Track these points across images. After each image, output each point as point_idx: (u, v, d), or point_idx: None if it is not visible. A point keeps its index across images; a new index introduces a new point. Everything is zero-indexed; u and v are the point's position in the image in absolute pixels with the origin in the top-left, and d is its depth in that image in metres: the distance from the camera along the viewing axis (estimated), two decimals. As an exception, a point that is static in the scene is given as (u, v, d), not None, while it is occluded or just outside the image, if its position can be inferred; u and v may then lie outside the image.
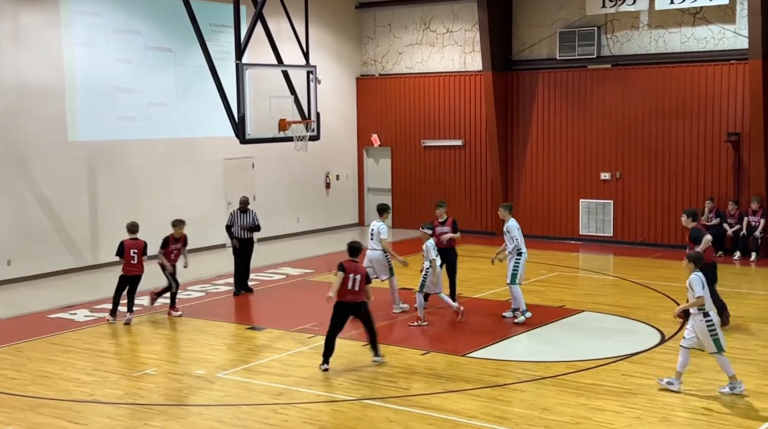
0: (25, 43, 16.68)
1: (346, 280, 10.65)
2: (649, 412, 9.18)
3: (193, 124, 19.71)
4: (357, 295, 10.73)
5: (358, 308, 10.82)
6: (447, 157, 22.78)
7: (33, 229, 16.92)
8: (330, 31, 22.87)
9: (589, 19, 20.35)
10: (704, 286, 9.68)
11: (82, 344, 12.28)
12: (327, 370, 10.75)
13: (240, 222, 15.44)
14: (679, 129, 19.62)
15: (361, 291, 10.76)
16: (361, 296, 10.78)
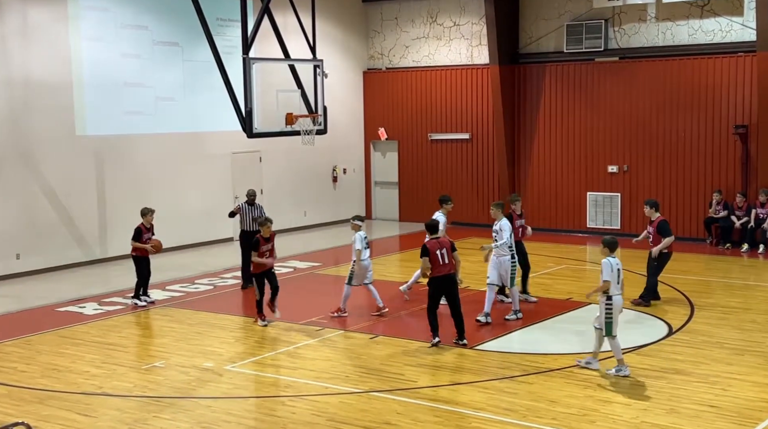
0: (34, 38, 16.74)
1: (435, 257, 11.20)
2: (657, 404, 9.19)
3: (200, 119, 19.75)
4: (449, 267, 11.31)
5: (452, 279, 11.34)
6: (454, 150, 22.77)
7: (41, 223, 17.00)
8: (337, 24, 22.87)
9: (596, 12, 20.30)
10: (612, 270, 10.03)
11: (91, 337, 12.34)
12: (439, 342, 11.31)
13: (248, 214, 15.48)
14: (687, 121, 19.57)
15: (452, 261, 11.34)
16: (452, 267, 11.34)
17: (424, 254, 11.24)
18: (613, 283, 10.03)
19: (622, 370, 10.05)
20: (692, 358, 10.79)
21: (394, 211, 23.95)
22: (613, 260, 10.12)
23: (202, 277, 16.50)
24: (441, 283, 11.29)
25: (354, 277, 13.12)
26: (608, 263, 10.07)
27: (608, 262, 10.09)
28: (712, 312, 13.15)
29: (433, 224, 11.72)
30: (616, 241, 10.38)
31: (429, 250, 11.23)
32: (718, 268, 16.82)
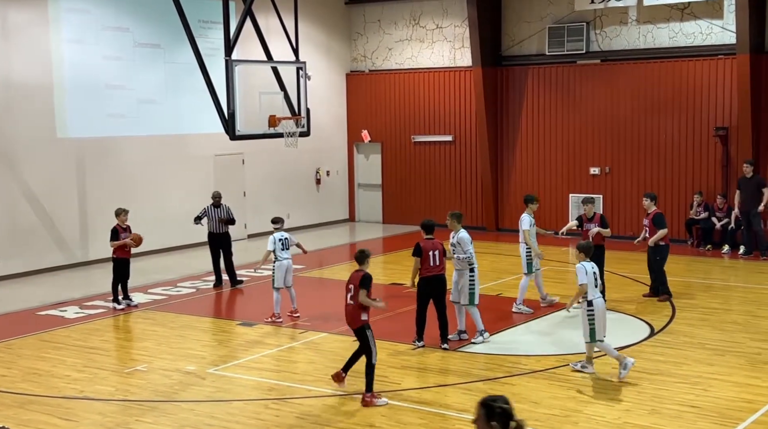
0: (14, 41, 16.61)
1: (427, 257, 11.10)
2: (639, 405, 9.24)
3: (182, 121, 19.67)
4: (439, 269, 11.19)
5: (439, 281, 11.18)
6: (437, 152, 22.81)
7: (22, 226, 16.86)
8: (320, 27, 22.86)
9: (577, 15, 20.41)
10: (587, 274, 9.92)
11: (73, 341, 12.26)
12: (423, 347, 11.24)
13: (214, 216, 15.54)
14: (668, 123, 19.71)
15: (442, 264, 11.21)
16: (442, 269, 11.20)
17: (417, 254, 11.17)
18: (590, 286, 9.98)
19: (588, 368, 10.12)
20: (674, 359, 10.86)
21: (377, 214, 23.96)
22: (588, 264, 10.06)
23: (185, 279, 16.43)
24: (430, 284, 11.24)
25: (274, 279, 13.13)
26: (582, 268, 10.02)
27: (582, 266, 10.04)
28: (693, 313, 13.25)
29: (429, 224, 11.45)
30: (591, 245, 10.38)
31: (422, 250, 11.14)
32: (699, 270, 16.94)
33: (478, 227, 22.17)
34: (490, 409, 4.63)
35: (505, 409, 4.61)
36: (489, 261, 17.95)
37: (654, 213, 14.03)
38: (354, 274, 9.60)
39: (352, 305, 9.50)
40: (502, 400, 4.65)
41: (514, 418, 4.59)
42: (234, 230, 16.72)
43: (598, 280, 10.15)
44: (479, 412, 4.65)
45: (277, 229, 13.35)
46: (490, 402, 4.65)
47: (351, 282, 9.55)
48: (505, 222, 21.96)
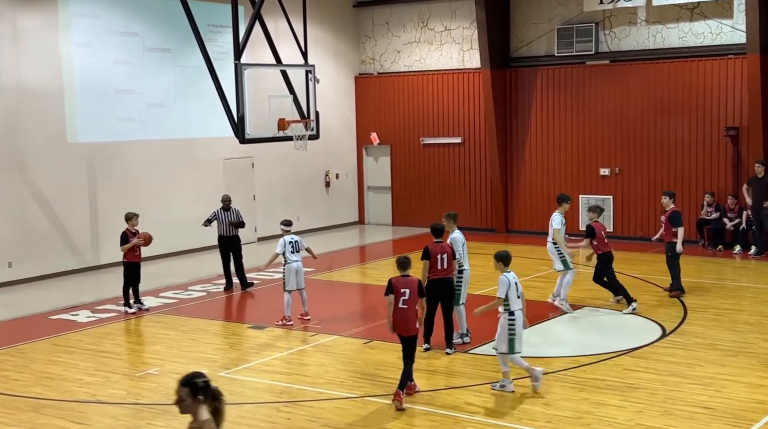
0: (25, 46, 16.70)
1: (435, 260, 11.09)
2: (651, 406, 9.21)
3: (192, 125, 19.74)
4: (447, 272, 11.19)
5: (447, 284, 11.17)
6: (446, 154, 22.80)
7: (34, 231, 16.94)
8: (328, 30, 22.89)
9: (586, 16, 20.37)
10: (510, 286, 9.63)
11: (85, 345, 12.30)
12: (429, 349, 11.25)
13: (224, 219, 15.59)
14: (678, 124, 19.65)
15: (450, 268, 11.21)
16: (449, 272, 11.22)
17: (425, 257, 11.12)
18: (512, 298, 9.67)
19: (507, 386, 9.72)
20: (686, 360, 10.82)
21: (387, 216, 23.96)
22: (510, 275, 9.74)
23: (195, 283, 16.47)
24: (437, 286, 11.21)
25: (285, 282, 13.14)
26: (505, 280, 9.67)
27: (505, 278, 9.69)
28: (705, 313, 13.20)
29: (438, 228, 11.41)
30: (509, 254, 9.97)
31: (430, 253, 11.12)
32: (711, 270, 16.87)
33: (488, 229, 22.15)
34: (194, 385, 4.92)
35: (207, 382, 4.93)
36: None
37: (671, 211, 14.11)
38: (403, 279, 9.54)
39: (407, 310, 9.48)
40: (200, 375, 4.96)
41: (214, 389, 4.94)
42: (244, 233, 16.76)
43: (520, 291, 9.77)
44: (183, 393, 4.92)
45: (287, 232, 13.37)
46: (192, 379, 4.95)
47: (404, 286, 9.50)
48: (515, 224, 21.93)
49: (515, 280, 9.78)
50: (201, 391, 4.90)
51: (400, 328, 9.57)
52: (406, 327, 9.53)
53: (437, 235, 11.36)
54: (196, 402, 4.90)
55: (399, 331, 9.59)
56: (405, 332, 9.56)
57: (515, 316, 9.69)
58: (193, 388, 4.90)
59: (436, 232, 11.37)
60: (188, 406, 4.90)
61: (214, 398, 4.96)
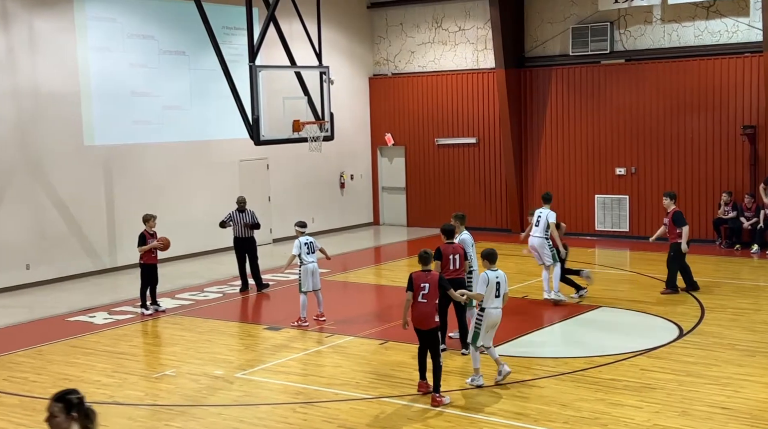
0: (41, 49, 16.82)
1: (447, 261, 11.15)
2: (669, 407, 9.16)
3: (207, 127, 19.82)
4: (459, 272, 11.22)
5: (459, 284, 10.98)
6: (461, 155, 22.78)
7: (51, 233, 17.06)
8: (342, 31, 22.92)
9: (601, 15, 20.30)
10: (488, 284, 9.76)
11: (102, 346, 12.37)
12: (445, 350, 11.02)
13: (239, 221, 15.64)
14: (695, 123, 19.53)
15: (462, 268, 11.25)
16: (461, 273, 11.24)
17: (437, 258, 11.09)
18: (490, 296, 9.76)
19: (476, 380, 9.93)
20: (703, 360, 10.75)
21: (401, 217, 23.96)
22: (492, 273, 9.82)
23: (211, 284, 16.53)
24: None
25: (301, 283, 13.18)
26: (485, 277, 9.79)
27: (485, 275, 9.81)
28: (723, 313, 13.11)
29: (449, 229, 11.48)
30: (494, 252, 10.03)
31: (442, 253, 11.16)
32: (728, 269, 16.76)
33: (503, 229, 22.10)
34: (68, 402, 4.82)
35: (81, 399, 4.85)
36: (515, 263, 17.87)
37: (673, 211, 14.24)
38: (424, 274, 9.61)
39: (426, 304, 9.56)
40: (75, 391, 4.88)
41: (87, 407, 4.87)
42: (259, 235, 16.80)
43: (501, 290, 9.84)
44: (55, 409, 4.82)
45: (302, 233, 13.40)
46: (66, 395, 4.85)
47: (424, 281, 9.56)
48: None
49: (497, 279, 9.83)
50: (74, 408, 4.79)
51: (419, 322, 9.59)
52: (425, 321, 9.57)
53: (448, 236, 11.42)
54: (69, 419, 4.79)
55: (417, 325, 9.62)
56: (424, 326, 9.58)
57: (485, 313, 9.80)
58: (66, 404, 4.80)
59: (447, 233, 11.42)
60: (59, 423, 4.79)
61: (86, 416, 4.84)
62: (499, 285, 9.83)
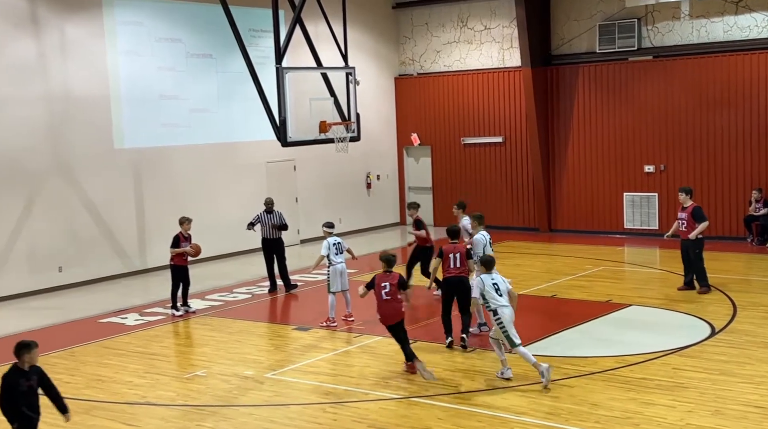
0: (71, 54, 17.03)
1: (447, 259, 11.64)
2: (702, 406, 9.07)
3: (235, 129, 19.95)
4: (460, 270, 11.63)
5: (460, 281, 11.60)
6: (487, 154, 22.71)
7: (82, 236, 17.27)
8: (368, 31, 22.96)
9: (628, 11, 20.14)
10: (484, 288, 10.08)
11: (134, 347, 12.50)
12: (452, 343, 11.54)
13: (267, 222, 15.72)
14: (724, 119, 19.32)
15: (463, 266, 11.63)
16: (463, 271, 11.63)
17: (439, 255, 11.81)
18: (492, 297, 10.06)
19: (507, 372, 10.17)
20: (736, 359, 10.64)
21: (428, 216, 23.90)
22: (486, 277, 10.17)
23: (240, 285, 16.64)
24: (450, 284, 11.69)
25: (330, 283, 13.21)
26: (480, 281, 10.23)
27: (480, 279, 10.24)
28: (755, 311, 12.96)
29: (454, 230, 11.99)
30: (492, 259, 10.53)
31: (443, 252, 11.67)
32: (760, 267, 16.56)
33: (531, 228, 22.01)
34: None
35: None
36: (543, 262, 17.82)
37: (692, 206, 14.16)
38: (386, 275, 10.57)
39: (390, 301, 10.47)
40: None
41: None
42: (287, 236, 16.88)
43: (501, 290, 10.10)
44: None
45: (330, 234, 13.45)
46: None
47: (384, 281, 10.50)
48: (558, 223, 21.76)
49: (492, 281, 10.17)
50: None
51: (386, 319, 10.53)
52: (391, 316, 10.51)
53: (453, 236, 11.91)
54: None
55: (386, 321, 10.57)
56: (392, 321, 10.53)
57: (500, 314, 10.06)
58: None
59: (452, 234, 11.93)
60: None
61: None
62: (496, 286, 10.15)
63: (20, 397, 7.48)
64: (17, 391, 7.48)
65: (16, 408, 7.46)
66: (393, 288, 10.47)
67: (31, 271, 16.50)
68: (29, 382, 7.59)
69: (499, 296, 10.10)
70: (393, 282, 10.50)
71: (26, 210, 16.45)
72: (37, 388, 7.71)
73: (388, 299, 10.47)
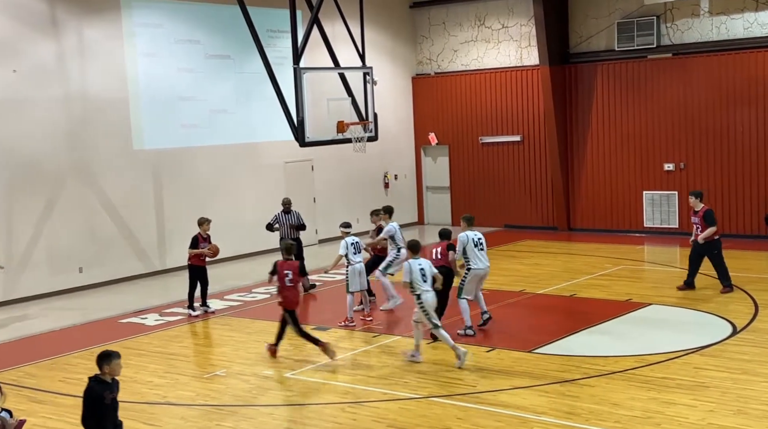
0: (90, 56, 17.15)
1: (430, 253, 12.45)
2: (723, 406, 9.00)
3: (253, 129, 20.01)
4: (441, 262, 12.22)
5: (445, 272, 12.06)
6: (505, 153, 22.64)
7: (102, 237, 17.39)
8: (385, 31, 22.96)
9: (647, 9, 20.01)
10: (411, 272, 10.76)
11: (154, 347, 12.57)
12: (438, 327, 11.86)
13: (285, 222, 15.76)
14: (744, 116, 19.16)
15: (444, 258, 12.27)
16: (444, 262, 12.27)
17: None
18: (418, 282, 10.76)
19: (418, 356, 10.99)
20: (759, 358, 10.54)
21: (446, 216, 23.89)
22: (414, 262, 10.87)
23: (259, 285, 16.68)
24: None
25: (348, 283, 13.20)
26: (407, 266, 10.86)
27: (407, 265, 10.89)
28: (778, 310, 12.84)
29: (445, 233, 12.58)
30: (417, 243, 11.24)
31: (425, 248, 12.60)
32: (782, 266, 16.41)
33: (550, 227, 21.93)
34: None
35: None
36: (562, 261, 17.75)
37: (704, 210, 14.09)
38: (287, 262, 11.44)
39: (293, 288, 11.39)
40: None
41: None
42: (305, 236, 16.92)
43: (427, 276, 10.84)
44: None
45: (347, 234, 13.46)
46: None
47: (286, 268, 11.34)
48: (577, 221, 21.67)
49: (419, 266, 10.86)
50: None
51: (288, 304, 11.37)
52: (291, 302, 11.40)
53: (443, 238, 12.51)
54: None
55: (287, 306, 11.37)
56: (292, 306, 11.41)
57: (422, 298, 10.81)
58: None
59: (442, 237, 12.56)
60: None
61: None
62: (423, 271, 10.84)
63: (106, 411, 6.98)
64: (103, 405, 6.95)
65: (102, 424, 6.92)
66: (295, 275, 11.31)
67: (52, 272, 16.63)
68: (112, 394, 7.10)
69: (424, 282, 10.80)
70: (294, 269, 11.36)
71: (47, 211, 16.59)
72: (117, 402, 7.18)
73: (291, 286, 11.32)
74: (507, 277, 16.13)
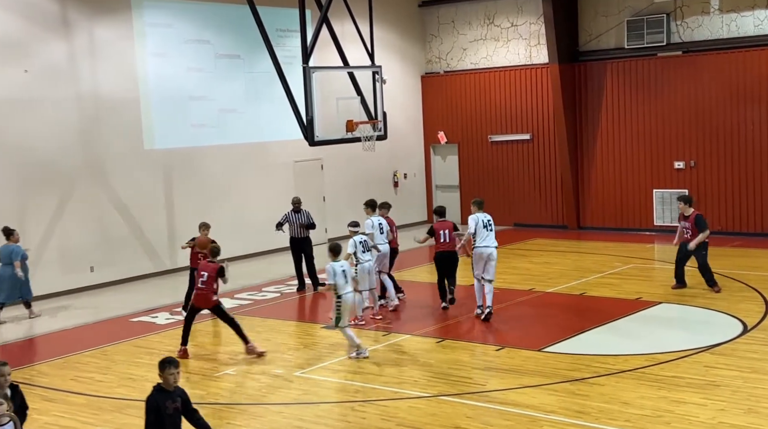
0: (101, 56, 17.23)
1: (438, 235, 13.31)
2: (734, 404, 8.98)
3: (263, 129, 20.05)
4: (448, 245, 13.29)
5: (450, 254, 13.34)
6: (515, 151, 22.62)
7: (113, 236, 17.46)
8: (394, 30, 22.96)
9: (657, 7, 19.95)
10: (335, 274, 11.19)
11: (164, 346, 12.61)
12: (447, 308, 13.44)
13: (295, 221, 15.78)
14: (755, 114, 19.07)
15: (452, 241, 13.22)
16: (452, 246, 13.27)
17: (430, 233, 13.37)
18: (340, 283, 11.20)
19: (363, 353, 11.26)
20: (769, 357, 10.52)
21: (456, 214, 23.84)
22: (337, 264, 11.27)
23: (269, 284, 16.73)
24: (441, 257, 13.36)
25: (358, 282, 13.18)
26: (331, 268, 11.23)
27: (331, 267, 11.25)
28: (789, 309, 12.79)
29: (440, 210, 13.55)
30: (338, 246, 11.55)
31: (435, 230, 13.29)
32: (793, 264, 16.33)
33: (560, 226, 21.90)
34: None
35: None
36: (572, 259, 17.72)
37: (695, 215, 14.09)
38: (209, 265, 11.83)
39: (205, 289, 11.73)
40: None
41: None
42: (315, 235, 16.93)
43: (348, 277, 11.31)
44: None
45: (355, 233, 13.48)
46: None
47: (203, 270, 11.79)
48: (587, 220, 21.63)
49: (341, 268, 11.30)
50: None
51: (199, 303, 11.85)
52: (203, 302, 11.84)
53: (440, 215, 13.54)
54: None
55: (198, 304, 11.86)
56: (203, 306, 11.87)
57: (342, 299, 11.25)
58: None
59: (439, 214, 13.55)
60: None
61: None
62: (345, 273, 11.30)
63: (167, 420, 6.84)
64: (164, 414, 6.82)
65: None
66: (210, 278, 11.69)
67: (64, 271, 16.72)
68: (175, 404, 6.94)
69: (345, 283, 11.25)
70: (212, 272, 11.72)
71: (58, 210, 16.68)
72: (181, 413, 7.03)
73: (203, 288, 11.73)
74: (516, 275, 16.13)
